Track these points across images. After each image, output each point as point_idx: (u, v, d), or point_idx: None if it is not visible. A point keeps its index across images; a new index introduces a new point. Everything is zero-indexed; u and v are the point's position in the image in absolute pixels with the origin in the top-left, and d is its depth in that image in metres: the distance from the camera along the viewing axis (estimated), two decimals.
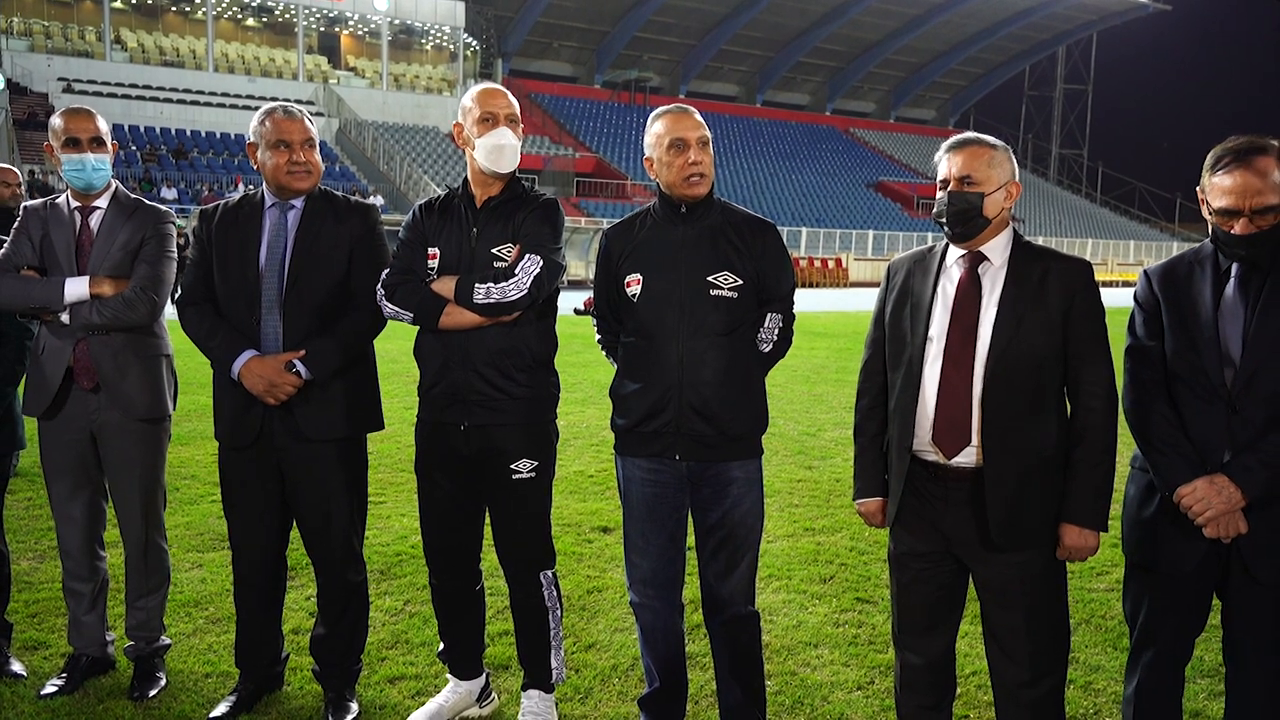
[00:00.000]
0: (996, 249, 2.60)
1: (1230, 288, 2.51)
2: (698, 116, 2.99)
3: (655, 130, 2.97)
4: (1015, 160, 2.66)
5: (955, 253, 2.65)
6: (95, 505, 3.49)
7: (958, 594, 2.73)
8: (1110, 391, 2.55)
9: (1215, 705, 3.48)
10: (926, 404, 2.60)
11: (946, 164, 2.60)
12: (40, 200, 3.47)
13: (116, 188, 3.45)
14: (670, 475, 3.00)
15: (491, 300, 2.99)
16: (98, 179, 3.35)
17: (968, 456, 2.56)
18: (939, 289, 2.63)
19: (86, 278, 3.28)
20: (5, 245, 3.38)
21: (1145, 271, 2.68)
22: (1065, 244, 48.09)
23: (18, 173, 6.33)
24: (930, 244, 2.76)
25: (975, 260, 2.61)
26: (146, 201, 3.47)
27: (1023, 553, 2.56)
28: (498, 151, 3.06)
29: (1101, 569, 4.91)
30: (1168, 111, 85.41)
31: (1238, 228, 2.44)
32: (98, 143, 3.35)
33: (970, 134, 2.66)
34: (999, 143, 2.62)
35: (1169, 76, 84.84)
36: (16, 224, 3.40)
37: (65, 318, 3.28)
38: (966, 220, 2.55)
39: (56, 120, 3.36)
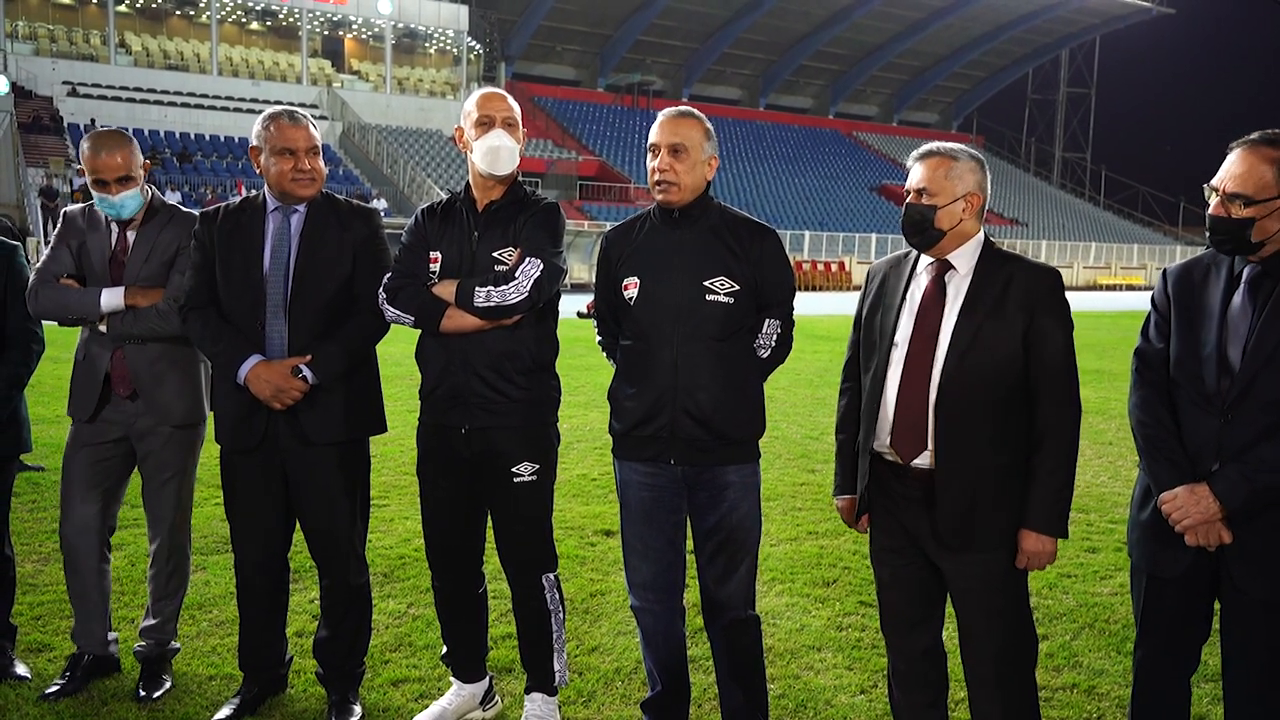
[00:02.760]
0: (963, 257, 2.64)
1: (1239, 293, 2.48)
2: (683, 120, 2.94)
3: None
4: (984, 171, 2.66)
5: (926, 259, 2.70)
6: (109, 508, 3.51)
7: (934, 590, 2.77)
8: (1073, 399, 2.58)
9: (1219, 710, 3.47)
10: (887, 408, 2.66)
11: (911, 173, 2.66)
12: (79, 206, 3.52)
13: (152, 195, 3.47)
14: (666, 479, 3.00)
15: (492, 304, 2.99)
16: (126, 211, 3.38)
17: (925, 459, 2.61)
18: (908, 295, 2.69)
19: (122, 289, 3.34)
20: (46, 253, 3.45)
21: (1164, 271, 2.69)
22: (1068, 247, 48.10)
23: None
24: (908, 249, 2.79)
25: (942, 268, 2.66)
26: (182, 209, 3.50)
27: (979, 554, 2.61)
28: (493, 154, 3.06)
29: (1105, 573, 4.91)
30: (1171, 115, 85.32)
31: (1211, 206, 2.46)
32: (124, 181, 3.32)
33: (936, 145, 2.69)
34: (963, 154, 2.64)
35: (1172, 80, 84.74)
36: (57, 231, 3.48)
37: (103, 327, 3.36)
38: (920, 231, 2.62)
39: (87, 152, 3.31)
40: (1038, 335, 2.55)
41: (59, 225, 3.49)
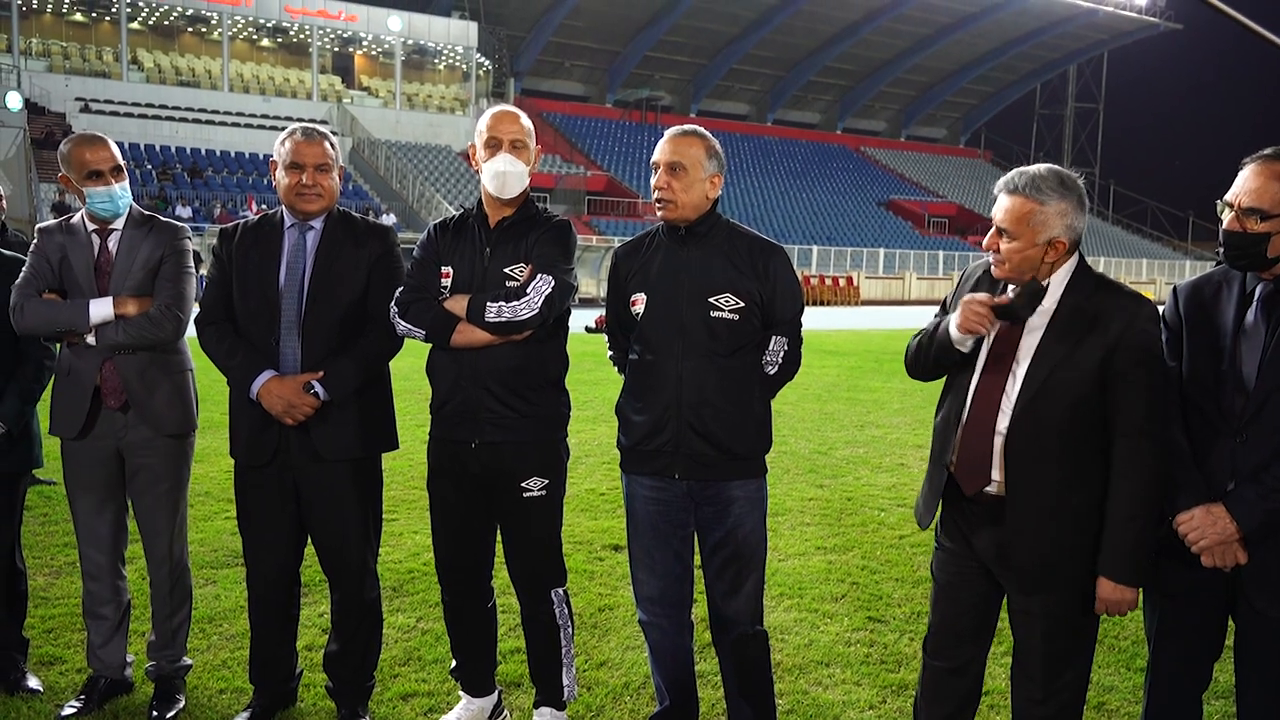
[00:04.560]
0: (1051, 288, 2.51)
1: (1252, 311, 2.46)
2: (684, 139, 2.97)
3: None
4: (1079, 207, 2.46)
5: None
6: (120, 524, 3.49)
7: (990, 607, 2.70)
8: (1155, 442, 2.43)
9: None
10: (958, 435, 2.59)
11: (998, 204, 2.51)
12: (54, 221, 3.47)
13: (130, 206, 3.45)
14: (672, 494, 3.02)
15: (503, 319, 3.01)
16: (124, 206, 3.37)
17: (991, 488, 2.54)
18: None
19: (110, 298, 3.28)
20: (24, 269, 3.38)
21: (1175, 288, 2.65)
22: None
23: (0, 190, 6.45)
24: None
25: None
26: (160, 218, 3.48)
27: (1052, 594, 2.53)
28: (500, 179, 3.09)
29: None
30: (1180, 130, 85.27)
31: (1225, 221, 2.44)
32: (118, 171, 3.34)
33: (1027, 177, 2.47)
34: (1053, 194, 2.43)
35: (1181, 95, 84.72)
36: (33, 246, 3.41)
37: (91, 339, 3.29)
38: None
39: (72, 151, 3.30)
40: (1119, 373, 2.42)
41: (35, 240, 3.42)
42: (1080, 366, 2.44)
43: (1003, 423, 2.49)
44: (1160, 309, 2.59)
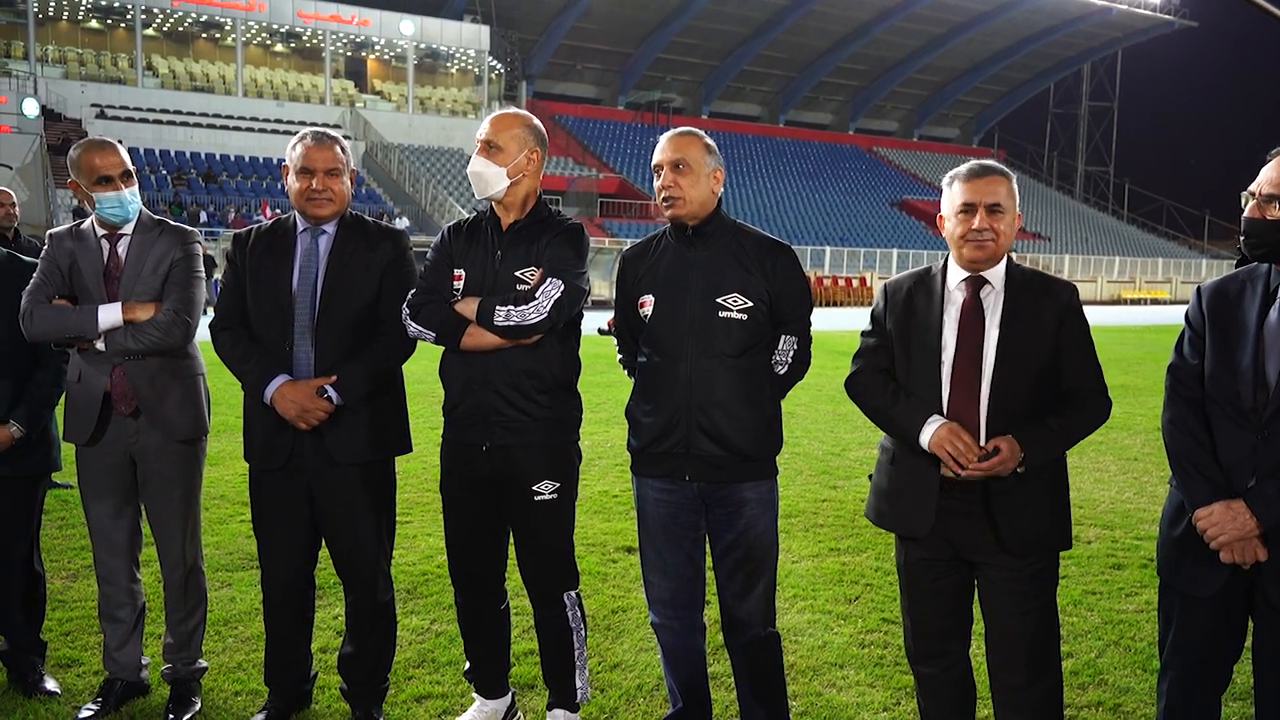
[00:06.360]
0: (998, 274, 2.69)
1: (1275, 309, 2.46)
2: (683, 138, 3.01)
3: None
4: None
5: (956, 276, 2.71)
6: (135, 528, 3.51)
7: (966, 601, 2.80)
8: (1104, 400, 2.68)
9: None
10: None
11: (974, 188, 2.64)
12: (65, 227, 3.48)
13: (140, 210, 3.45)
14: (683, 496, 3.02)
15: (511, 323, 3.02)
16: (134, 211, 3.37)
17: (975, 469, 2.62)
18: (946, 315, 2.70)
19: (119, 304, 3.28)
20: (35, 275, 3.38)
21: (1198, 288, 2.69)
22: (1091, 261, 47.81)
23: (11, 193, 6.57)
24: (925, 265, 2.82)
25: (978, 284, 2.69)
26: (171, 222, 3.48)
27: (1030, 557, 2.66)
28: (471, 179, 3.13)
29: (1131, 590, 4.87)
30: (1194, 128, 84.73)
31: (1246, 210, 2.49)
32: (127, 176, 3.34)
33: (983, 163, 2.73)
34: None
35: (1195, 93, 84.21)
36: (44, 252, 3.41)
37: (100, 345, 3.29)
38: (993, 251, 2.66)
39: (81, 157, 3.30)
40: (1069, 343, 2.65)
41: (46, 245, 3.41)
42: (1039, 341, 2.64)
43: (984, 402, 2.63)
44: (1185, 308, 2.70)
